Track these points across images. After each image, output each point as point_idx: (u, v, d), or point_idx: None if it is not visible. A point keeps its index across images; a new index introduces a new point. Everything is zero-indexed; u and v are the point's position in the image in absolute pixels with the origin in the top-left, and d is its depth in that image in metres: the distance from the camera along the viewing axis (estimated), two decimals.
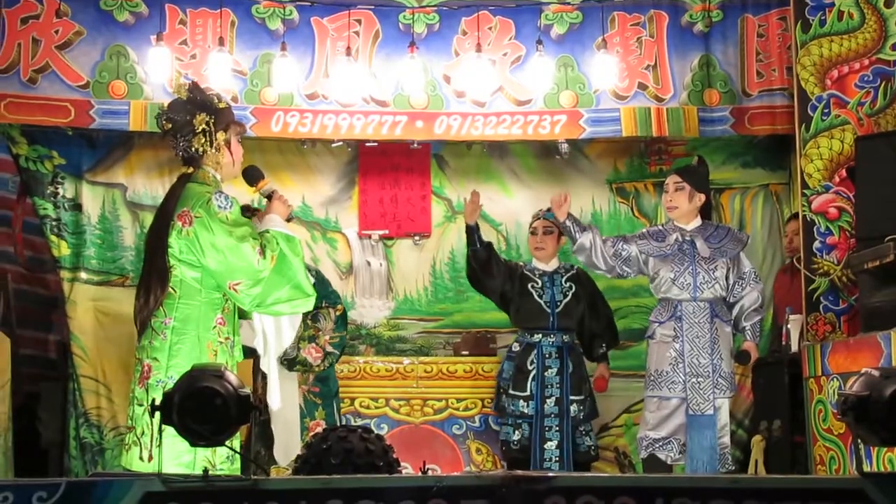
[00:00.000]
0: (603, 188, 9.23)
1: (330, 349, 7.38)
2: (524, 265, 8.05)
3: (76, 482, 3.80)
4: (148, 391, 5.44)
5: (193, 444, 3.99)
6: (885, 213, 6.92)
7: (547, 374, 7.76)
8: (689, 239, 7.32)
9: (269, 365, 6.16)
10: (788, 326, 7.83)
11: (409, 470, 6.43)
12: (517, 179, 9.25)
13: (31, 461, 7.99)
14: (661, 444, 7.17)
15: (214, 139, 5.67)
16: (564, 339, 7.88)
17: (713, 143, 8.59)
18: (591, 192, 9.20)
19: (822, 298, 7.56)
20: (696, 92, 8.41)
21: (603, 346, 8.12)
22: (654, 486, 3.89)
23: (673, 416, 7.14)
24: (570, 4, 8.47)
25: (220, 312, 5.55)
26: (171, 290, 5.51)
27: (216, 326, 5.55)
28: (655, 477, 4.88)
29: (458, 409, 8.37)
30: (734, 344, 7.44)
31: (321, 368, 7.44)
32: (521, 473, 3.86)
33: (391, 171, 9.06)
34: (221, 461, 5.39)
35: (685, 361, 7.14)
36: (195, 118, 5.65)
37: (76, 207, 8.58)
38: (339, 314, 7.52)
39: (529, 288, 7.89)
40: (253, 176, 5.96)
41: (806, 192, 7.66)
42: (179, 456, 5.17)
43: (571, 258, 7.94)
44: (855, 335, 7.10)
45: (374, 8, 8.40)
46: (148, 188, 8.67)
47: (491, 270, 7.84)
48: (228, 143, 5.75)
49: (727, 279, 7.30)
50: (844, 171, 7.58)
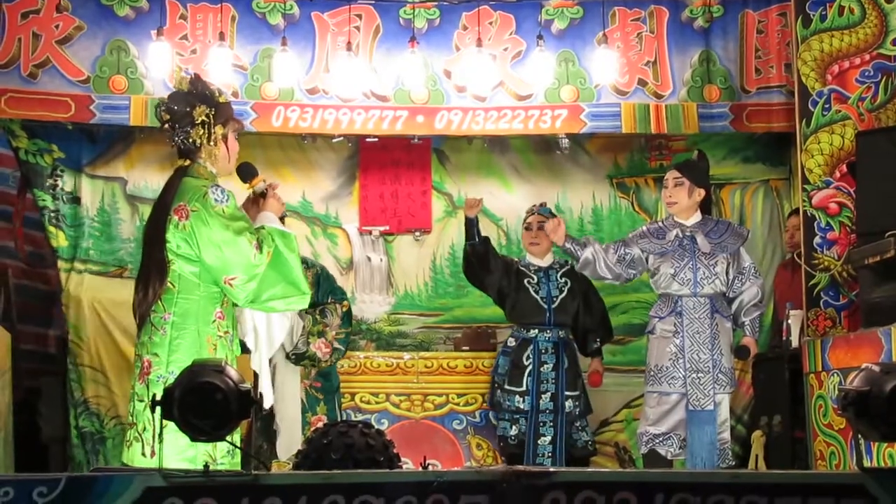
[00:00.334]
0: (603, 183, 9.23)
1: (336, 345, 7.39)
2: (519, 261, 8.05)
3: (76, 477, 3.80)
4: (148, 387, 5.44)
5: (194, 438, 3.99)
6: (885, 208, 6.92)
7: (542, 369, 7.76)
8: (689, 234, 7.32)
9: (259, 362, 6.14)
10: (789, 322, 7.83)
11: (409, 465, 6.42)
12: (517, 174, 9.25)
13: (31, 456, 7.99)
14: (661, 439, 7.17)
15: (212, 132, 5.66)
16: (560, 334, 7.89)
17: (714, 138, 8.60)
18: (591, 186, 9.21)
19: (822, 294, 7.55)
20: (695, 88, 8.41)
21: (597, 340, 8.14)
22: (654, 481, 3.89)
23: (673, 411, 7.14)
24: (570, 0, 8.48)
25: (219, 306, 5.54)
26: (169, 284, 5.50)
27: (215, 320, 5.54)
28: (656, 472, 4.87)
29: (458, 404, 8.37)
30: (734, 339, 7.44)
31: (328, 364, 7.47)
32: (521, 468, 3.86)
33: (392, 166, 9.05)
34: (222, 455, 5.38)
35: (685, 357, 7.14)
36: (195, 110, 5.64)
37: (75, 201, 8.59)
38: (345, 310, 7.54)
39: (526, 283, 7.90)
40: (247, 172, 5.94)
41: (806, 187, 7.66)
42: (183, 451, 5.17)
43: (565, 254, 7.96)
44: (855, 330, 7.10)
45: (374, 3, 8.41)
46: (148, 181, 8.66)
47: (488, 265, 7.84)
48: (226, 138, 5.74)
49: (727, 274, 7.30)
50: (845, 166, 7.58)
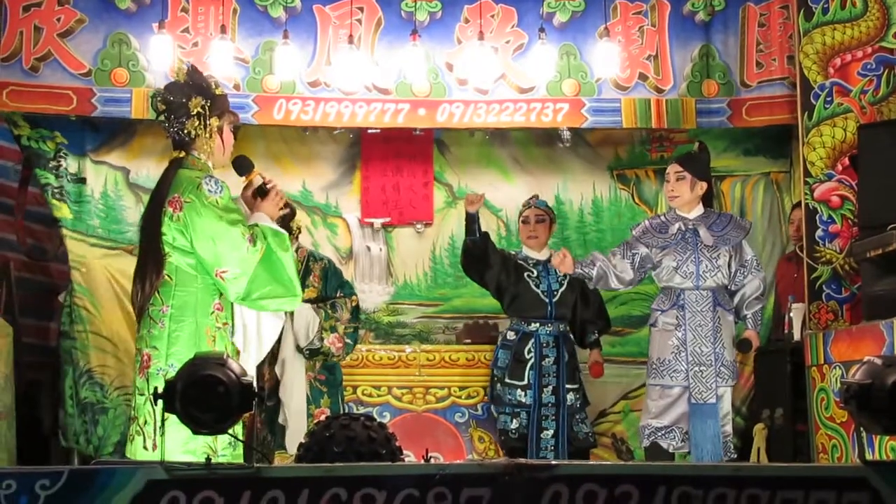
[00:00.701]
0: (604, 175, 9.23)
1: (346, 340, 7.44)
2: (517, 254, 8.05)
3: (79, 470, 3.81)
4: (148, 380, 5.44)
5: (196, 431, 4.00)
6: (887, 201, 6.93)
7: (544, 363, 7.78)
8: (692, 228, 7.30)
9: (247, 363, 6.12)
10: (791, 315, 7.84)
11: (411, 458, 6.42)
12: (518, 166, 9.25)
13: (33, 449, 8.00)
14: (663, 432, 7.17)
15: (208, 124, 5.66)
16: (560, 328, 7.91)
17: (715, 130, 8.57)
18: (591, 178, 9.21)
19: (824, 287, 7.56)
20: (694, 83, 8.40)
21: (595, 332, 8.17)
22: (656, 474, 3.90)
23: (675, 404, 7.14)
24: None
25: (217, 298, 5.53)
26: (166, 277, 5.50)
27: (214, 312, 5.54)
28: (658, 465, 4.88)
29: (460, 397, 8.37)
30: (735, 332, 7.44)
31: (340, 359, 7.51)
32: (523, 462, 3.87)
33: (393, 158, 9.05)
34: (223, 447, 5.39)
35: (687, 350, 7.13)
36: (191, 101, 5.64)
37: (80, 181, 8.52)
38: (353, 305, 7.57)
39: (526, 277, 7.90)
40: (243, 166, 5.94)
41: (808, 180, 7.66)
42: (185, 443, 5.17)
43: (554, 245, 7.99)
44: (857, 323, 7.11)
45: None
46: (150, 172, 8.59)
47: (488, 260, 7.84)
48: (221, 130, 5.74)
49: (730, 267, 7.28)
50: (847, 159, 7.59)
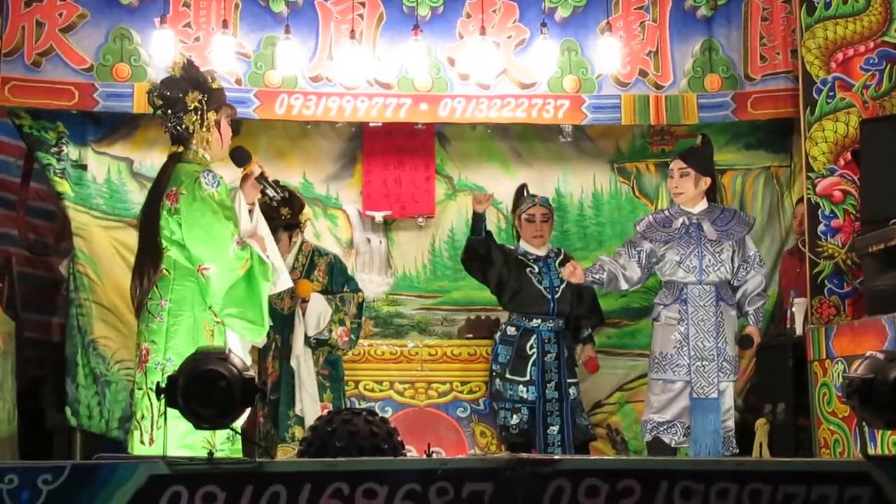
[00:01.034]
0: (605, 168, 9.21)
1: (351, 335, 7.47)
2: (516, 249, 8.04)
3: (81, 465, 3.81)
4: (146, 375, 5.45)
5: (198, 426, 4.00)
6: (890, 196, 6.93)
7: (546, 359, 7.79)
8: (695, 222, 7.29)
9: None
10: (793, 309, 7.84)
11: (413, 453, 6.43)
12: (519, 158, 9.23)
13: (35, 444, 8.00)
14: (665, 427, 7.16)
15: (205, 118, 5.68)
16: (559, 323, 7.93)
17: (716, 124, 8.55)
18: (592, 171, 9.18)
19: (826, 281, 7.57)
20: (696, 78, 8.37)
21: (589, 327, 8.22)
22: (658, 468, 3.90)
23: (677, 399, 7.13)
24: None
25: None
26: (165, 271, 5.52)
27: (211, 306, 5.55)
28: (660, 460, 4.89)
29: (462, 391, 8.37)
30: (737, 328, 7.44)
31: (343, 353, 7.56)
32: (525, 456, 3.88)
33: (395, 152, 9.04)
34: (221, 442, 5.39)
35: (690, 345, 7.12)
36: (188, 95, 5.66)
37: (81, 167, 8.47)
38: (360, 301, 7.61)
39: (528, 273, 7.90)
40: (241, 157, 5.95)
41: (811, 175, 7.66)
42: (182, 437, 5.18)
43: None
44: (859, 318, 7.11)
45: None
46: (155, 163, 8.54)
47: (491, 257, 7.84)
48: (218, 123, 5.76)
49: (733, 262, 7.27)
50: (849, 154, 7.59)
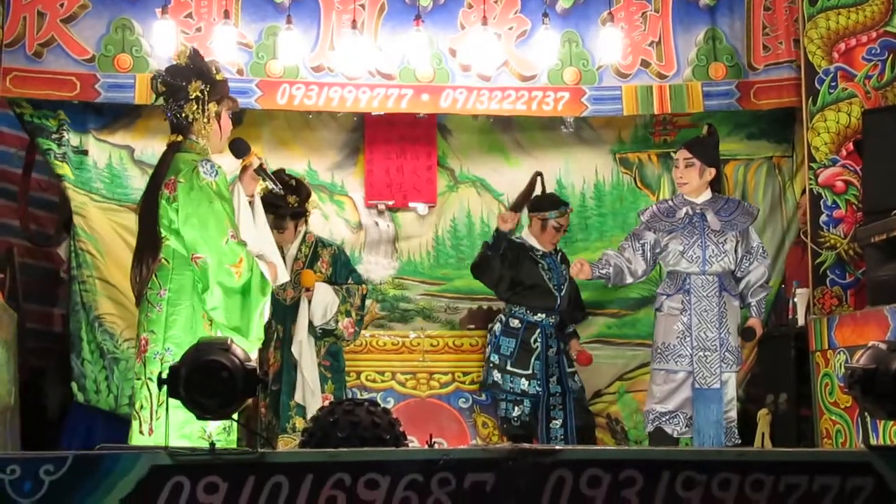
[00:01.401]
0: (607, 158, 9.18)
1: (355, 327, 7.49)
2: (523, 243, 8.03)
3: (83, 455, 3.81)
4: (145, 365, 5.45)
5: (200, 416, 4.00)
6: (892, 186, 6.93)
7: (549, 353, 7.82)
8: (699, 212, 7.29)
9: None
10: (795, 300, 7.84)
11: (415, 443, 6.43)
12: (520, 149, 9.20)
13: (37, 435, 8.01)
14: (667, 417, 7.17)
15: (206, 109, 5.67)
16: (558, 318, 7.96)
17: (719, 114, 8.54)
18: (594, 162, 9.16)
19: (828, 272, 7.57)
20: (700, 67, 8.36)
21: (575, 321, 8.30)
22: (660, 459, 3.91)
23: (680, 389, 7.13)
24: None
25: None
26: (164, 261, 5.52)
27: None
28: (662, 450, 4.88)
29: (464, 382, 8.37)
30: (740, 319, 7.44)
31: (347, 344, 7.60)
32: (527, 447, 3.88)
33: (397, 142, 9.03)
34: (218, 432, 5.38)
35: (692, 335, 7.12)
36: (190, 85, 5.65)
37: (82, 153, 8.44)
38: (363, 293, 7.62)
39: (540, 270, 7.91)
40: (240, 148, 5.95)
41: (813, 165, 7.66)
42: (181, 427, 5.18)
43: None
44: (862, 309, 7.11)
45: None
46: (156, 151, 8.53)
47: (501, 271, 7.86)
48: (219, 115, 5.75)
49: (736, 252, 7.27)
50: (851, 144, 7.58)
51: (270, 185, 6.09)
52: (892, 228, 6.73)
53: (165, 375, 3.90)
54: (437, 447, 4.00)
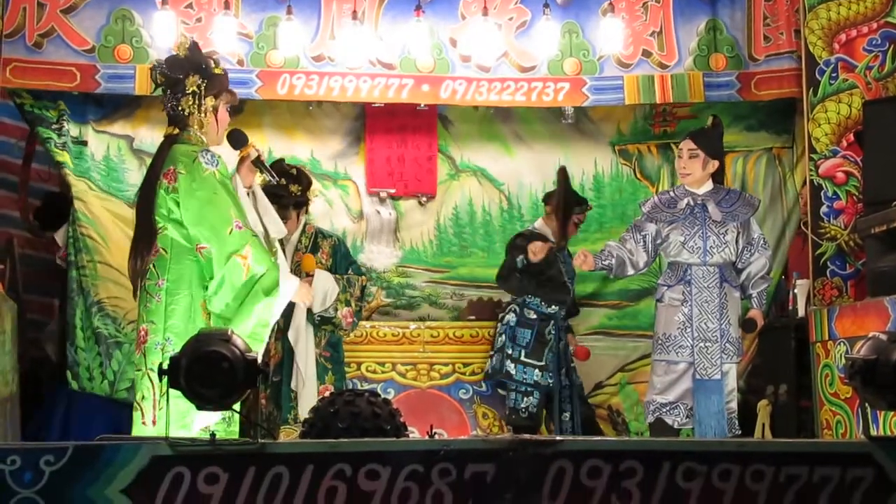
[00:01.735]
0: (606, 150, 9.18)
1: (353, 318, 7.49)
2: (540, 233, 8.02)
3: (84, 446, 3.81)
4: (145, 355, 5.45)
5: (201, 407, 4.00)
6: (892, 177, 6.93)
7: (560, 345, 7.86)
8: (700, 203, 7.27)
9: None
10: (795, 291, 7.84)
11: (415, 434, 6.43)
12: (519, 140, 9.21)
13: (37, 425, 8.01)
14: (668, 408, 7.17)
15: (203, 103, 5.66)
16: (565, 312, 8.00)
17: (718, 105, 8.53)
18: (593, 153, 9.16)
19: (829, 263, 7.57)
20: (701, 57, 8.36)
21: (569, 318, 8.35)
22: (661, 449, 3.91)
23: (680, 380, 7.13)
24: None
25: None
26: (162, 251, 5.50)
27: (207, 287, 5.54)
28: (662, 441, 4.89)
29: (464, 373, 8.37)
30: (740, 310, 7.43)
31: (346, 334, 7.59)
32: (528, 437, 3.88)
33: (398, 131, 9.03)
34: (217, 423, 5.37)
35: (693, 326, 7.12)
36: (188, 78, 5.64)
37: (81, 143, 8.44)
38: (363, 285, 7.61)
39: (559, 264, 7.93)
40: (238, 140, 5.94)
41: (813, 156, 7.66)
42: (181, 417, 5.17)
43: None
44: (862, 299, 7.12)
45: None
46: (155, 139, 8.53)
47: (527, 276, 7.90)
48: (216, 109, 5.74)
49: (737, 243, 7.26)
50: (852, 135, 7.58)
51: (267, 176, 6.08)
52: (892, 219, 6.73)
53: (166, 366, 3.90)
54: (437, 438, 4.00)
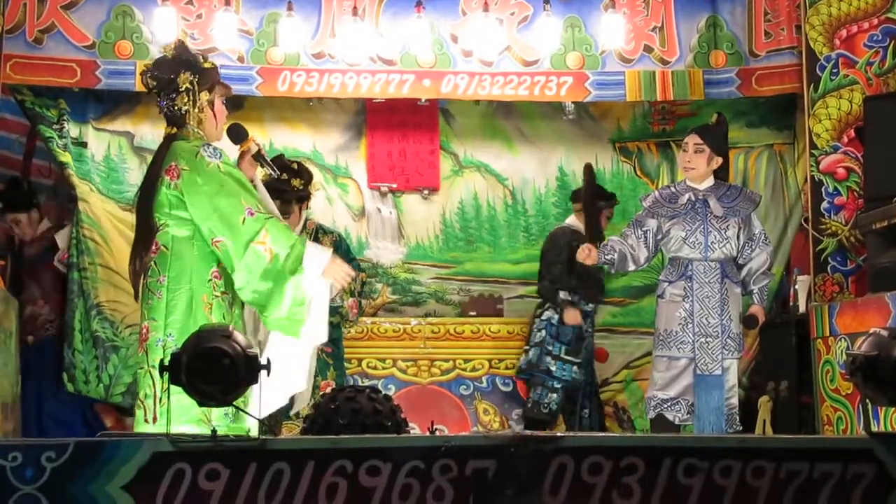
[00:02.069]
0: (606, 147, 9.22)
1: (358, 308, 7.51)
2: (577, 229, 8.03)
3: (85, 442, 3.81)
4: (147, 353, 5.42)
5: (202, 403, 4.00)
6: (893, 173, 6.93)
7: (589, 343, 7.92)
8: (701, 198, 7.25)
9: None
10: (796, 287, 7.84)
11: (416, 430, 6.44)
12: (522, 136, 9.24)
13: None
14: (669, 404, 7.15)
15: (197, 99, 5.64)
16: None
17: (719, 102, 8.52)
18: (594, 151, 9.19)
19: (829, 259, 7.57)
20: (701, 54, 8.36)
21: None
22: (662, 445, 3.90)
23: (681, 376, 7.11)
24: None
25: (214, 266, 5.42)
26: (163, 248, 5.46)
27: (211, 280, 5.46)
28: (663, 437, 4.89)
29: (465, 369, 8.39)
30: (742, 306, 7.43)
31: (351, 325, 7.62)
32: (529, 433, 3.87)
33: (398, 127, 9.05)
34: (217, 418, 5.34)
35: (694, 321, 7.10)
36: (179, 76, 5.61)
37: (81, 144, 8.45)
38: (363, 280, 7.62)
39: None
40: (238, 134, 5.92)
41: (814, 152, 7.65)
42: (187, 411, 5.15)
43: None
44: (863, 295, 7.11)
45: None
46: (156, 136, 8.56)
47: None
48: (212, 103, 5.70)
49: (738, 239, 7.23)
50: (853, 131, 7.57)
51: (269, 170, 6.07)
52: (893, 215, 6.73)
53: (167, 362, 3.90)
54: (438, 434, 4.00)
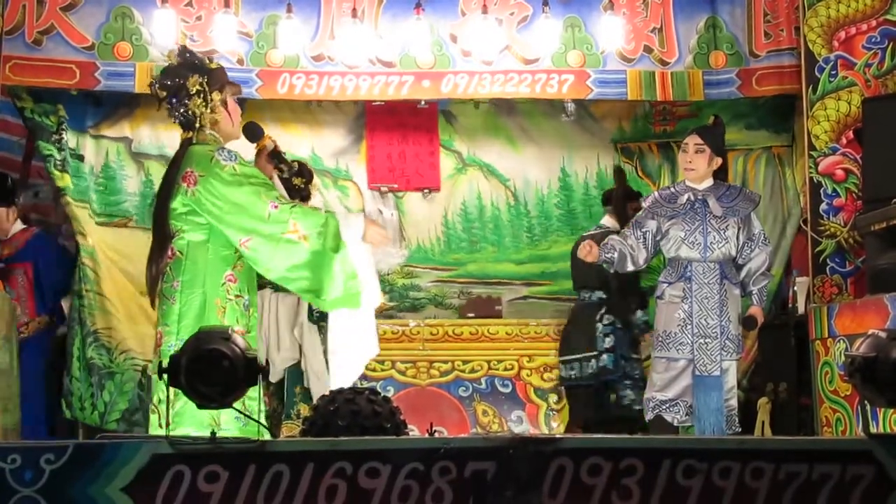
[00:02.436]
0: (608, 148, 9.23)
1: None
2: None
3: (84, 444, 3.81)
4: (161, 358, 5.42)
5: (202, 406, 4.00)
6: (892, 174, 6.93)
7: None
8: (701, 198, 7.26)
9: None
10: (795, 288, 7.84)
11: (415, 432, 6.44)
12: (525, 135, 9.26)
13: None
14: (667, 405, 7.15)
15: (210, 100, 5.62)
16: None
17: (718, 103, 8.54)
18: (595, 151, 9.21)
19: (828, 260, 7.58)
20: (701, 55, 8.37)
21: None
22: (661, 447, 3.90)
23: (680, 377, 7.11)
24: None
25: (229, 269, 5.42)
26: (178, 253, 5.46)
27: (225, 283, 5.46)
28: (662, 438, 4.89)
29: (464, 371, 8.38)
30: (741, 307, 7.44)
31: None
32: (527, 435, 3.88)
33: (398, 128, 9.05)
34: (226, 421, 5.33)
35: (693, 322, 7.10)
36: (188, 81, 5.59)
37: (78, 158, 8.50)
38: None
39: None
40: (254, 132, 5.92)
41: (813, 153, 7.66)
42: (200, 415, 5.12)
43: None
44: (861, 297, 7.12)
45: None
46: (153, 140, 8.64)
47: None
48: (225, 103, 5.69)
49: (738, 239, 7.23)
50: (851, 132, 7.58)
51: (284, 167, 6.07)
52: (891, 217, 6.73)
53: (166, 364, 3.90)
54: (437, 436, 4.00)
